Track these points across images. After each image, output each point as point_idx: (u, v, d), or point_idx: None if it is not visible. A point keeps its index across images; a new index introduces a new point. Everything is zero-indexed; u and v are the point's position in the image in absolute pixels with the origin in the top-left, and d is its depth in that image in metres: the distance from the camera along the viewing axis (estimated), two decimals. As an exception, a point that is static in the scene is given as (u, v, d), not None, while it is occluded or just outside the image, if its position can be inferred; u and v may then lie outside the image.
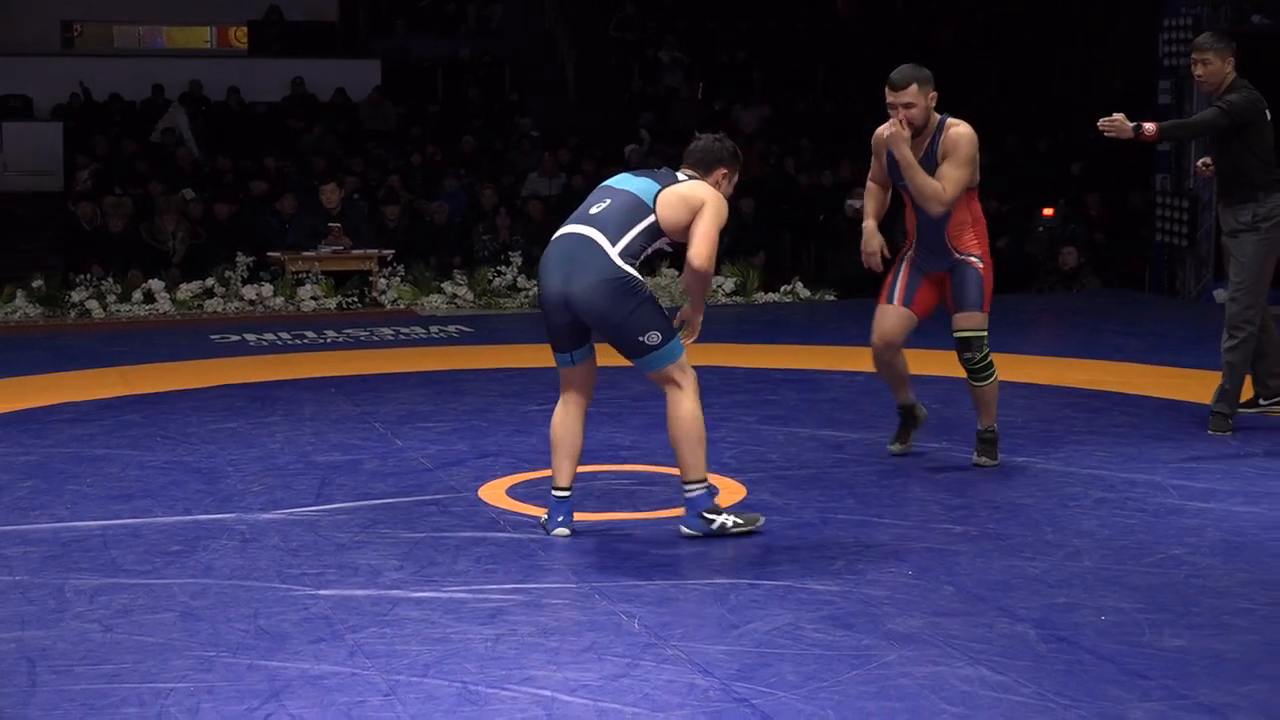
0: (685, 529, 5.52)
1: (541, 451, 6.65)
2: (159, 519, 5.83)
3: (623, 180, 5.63)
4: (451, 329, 11.33)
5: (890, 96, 6.30)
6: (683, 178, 5.58)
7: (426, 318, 12.14)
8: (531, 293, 12.75)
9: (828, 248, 15.22)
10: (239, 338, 10.86)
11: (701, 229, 5.42)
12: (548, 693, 4.03)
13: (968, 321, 6.46)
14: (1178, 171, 13.35)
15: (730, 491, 6.10)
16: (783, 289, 13.31)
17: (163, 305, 12.47)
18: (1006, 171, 16.64)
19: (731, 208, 5.68)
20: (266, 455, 6.93)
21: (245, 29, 20.99)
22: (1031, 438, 7.17)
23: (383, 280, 12.92)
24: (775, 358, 9.73)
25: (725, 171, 5.66)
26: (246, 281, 12.72)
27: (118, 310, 12.37)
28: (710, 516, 5.48)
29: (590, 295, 5.34)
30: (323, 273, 12.83)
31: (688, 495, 5.50)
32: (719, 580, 5.05)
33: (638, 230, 5.42)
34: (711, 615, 4.72)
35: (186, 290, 12.61)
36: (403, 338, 10.90)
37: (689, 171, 5.64)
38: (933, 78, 6.33)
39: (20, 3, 19.77)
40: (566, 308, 5.40)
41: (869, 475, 6.48)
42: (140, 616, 4.67)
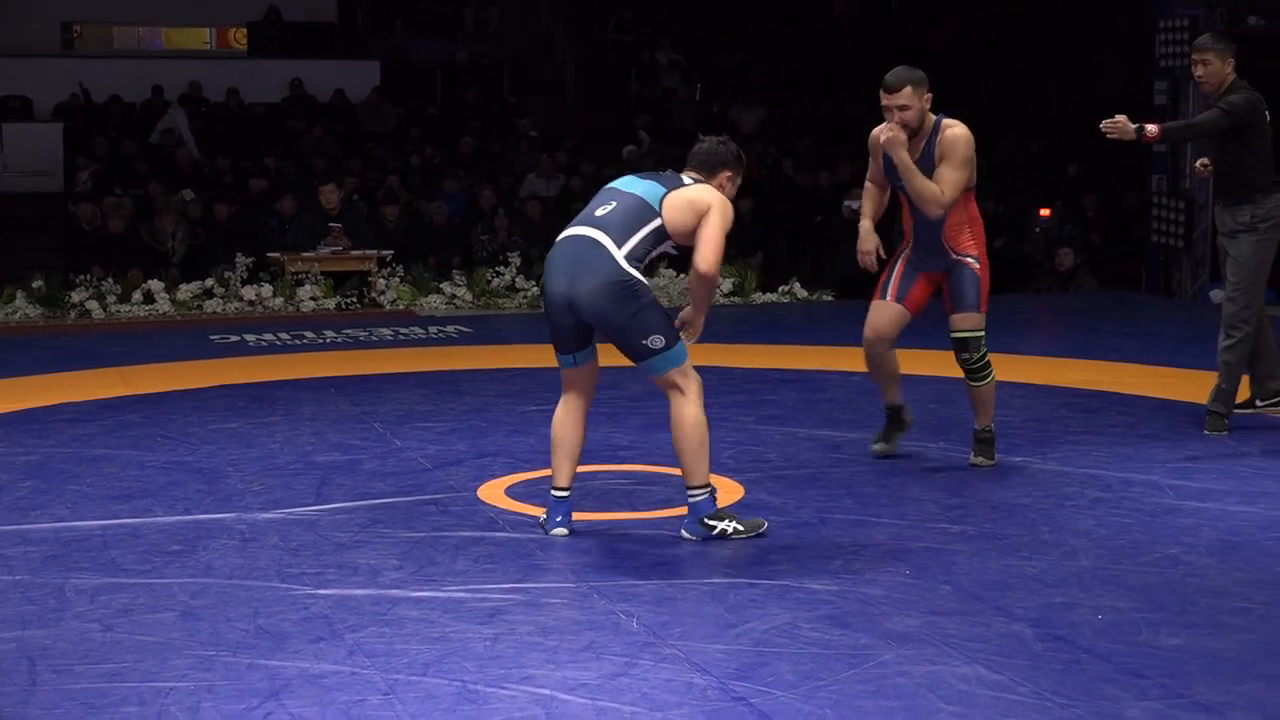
0: (686, 533, 5.52)
1: (540, 451, 6.67)
2: (159, 519, 5.84)
3: (628, 183, 5.62)
4: (450, 329, 11.34)
5: (885, 99, 6.30)
6: (688, 181, 5.57)
7: (425, 318, 12.14)
8: (530, 293, 12.76)
9: (825, 249, 15.22)
10: (239, 338, 10.87)
11: (708, 234, 5.42)
12: (546, 691, 4.05)
13: (965, 322, 6.47)
14: (1174, 173, 13.37)
15: (728, 491, 6.10)
16: (780, 289, 13.32)
17: (162, 306, 12.47)
18: (1004, 171, 16.66)
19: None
20: (266, 455, 6.94)
21: (244, 30, 21.00)
22: (1028, 438, 7.19)
23: (382, 281, 12.92)
24: (773, 358, 9.74)
25: (729, 174, 5.65)
26: (246, 282, 12.71)
27: (118, 311, 12.37)
28: (712, 523, 5.49)
29: (595, 297, 5.34)
30: (322, 273, 12.83)
31: (690, 500, 5.50)
32: (717, 580, 5.06)
33: (643, 233, 5.42)
34: (709, 615, 4.74)
35: (186, 291, 12.61)
36: (402, 338, 10.90)
37: (693, 174, 5.63)
38: (927, 79, 6.33)
39: (20, 4, 19.78)
40: (571, 309, 5.40)
41: (867, 475, 6.49)
42: (140, 616, 4.68)
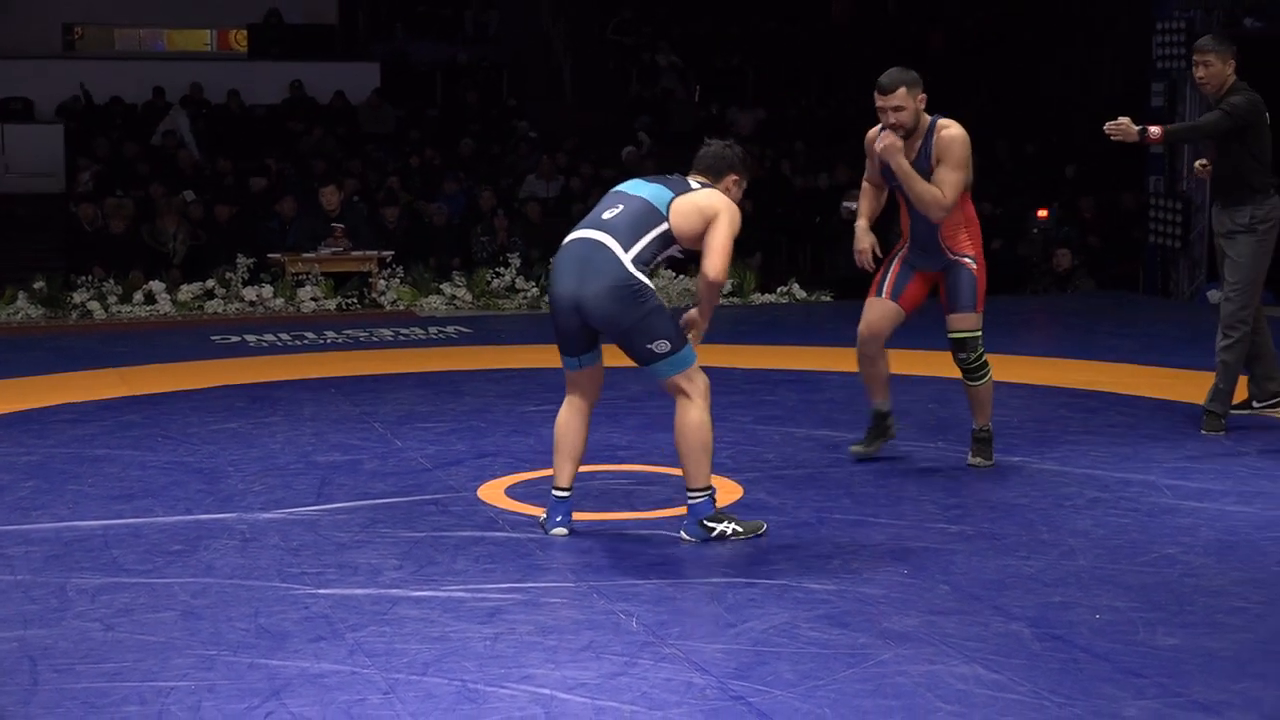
0: (684, 535, 5.53)
1: (539, 451, 6.69)
2: (160, 519, 5.85)
3: (636, 186, 5.61)
4: (450, 330, 11.35)
5: (879, 101, 6.29)
6: (695, 185, 5.57)
7: (425, 319, 12.14)
8: (530, 294, 12.77)
9: (824, 249, 15.24)
10: (239, 339, 10.87)
11: (717, 242, 5.42)
12: (546, 691, 4.06)
13: (962, 322, 6.48)
14: (1171, 174, 13.39)
15: (727, 491, 6.11)
16: (779, 290, 13.33)
17: (163, 306, 12.48)
18: (1002, 172, 16.68)
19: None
20: (267, 455, 6.95)
21: (245, 32, 21.03)
22: (1026, 438, 7.20)
23: (382, 281, 12.93)
24: (772, 358, 9.75)
25: (736, 178, 5.66)
26: (247, 283, 12.72)
27: (119, 311, 12.38)
28: (711, 525, 5.49)
29: (601, 300, 5.34)
30: (322, 274, 12.84)
31: (690, 502, 5.51)
32: (716, 579, 5.07)
33: (650, 237, 5.42)
34: (709, 614, 4.75)
35: (187, 291, 12.62)
36: (402, 338, 10.91)
37: (699, 178, 5.63)
38: (921, 80, 6.32)
39: (22, 5, 19.79)
40: (577, 312, 5.40)
41: (865, 475, 6.50)
42: (141, 615, 4.69)
